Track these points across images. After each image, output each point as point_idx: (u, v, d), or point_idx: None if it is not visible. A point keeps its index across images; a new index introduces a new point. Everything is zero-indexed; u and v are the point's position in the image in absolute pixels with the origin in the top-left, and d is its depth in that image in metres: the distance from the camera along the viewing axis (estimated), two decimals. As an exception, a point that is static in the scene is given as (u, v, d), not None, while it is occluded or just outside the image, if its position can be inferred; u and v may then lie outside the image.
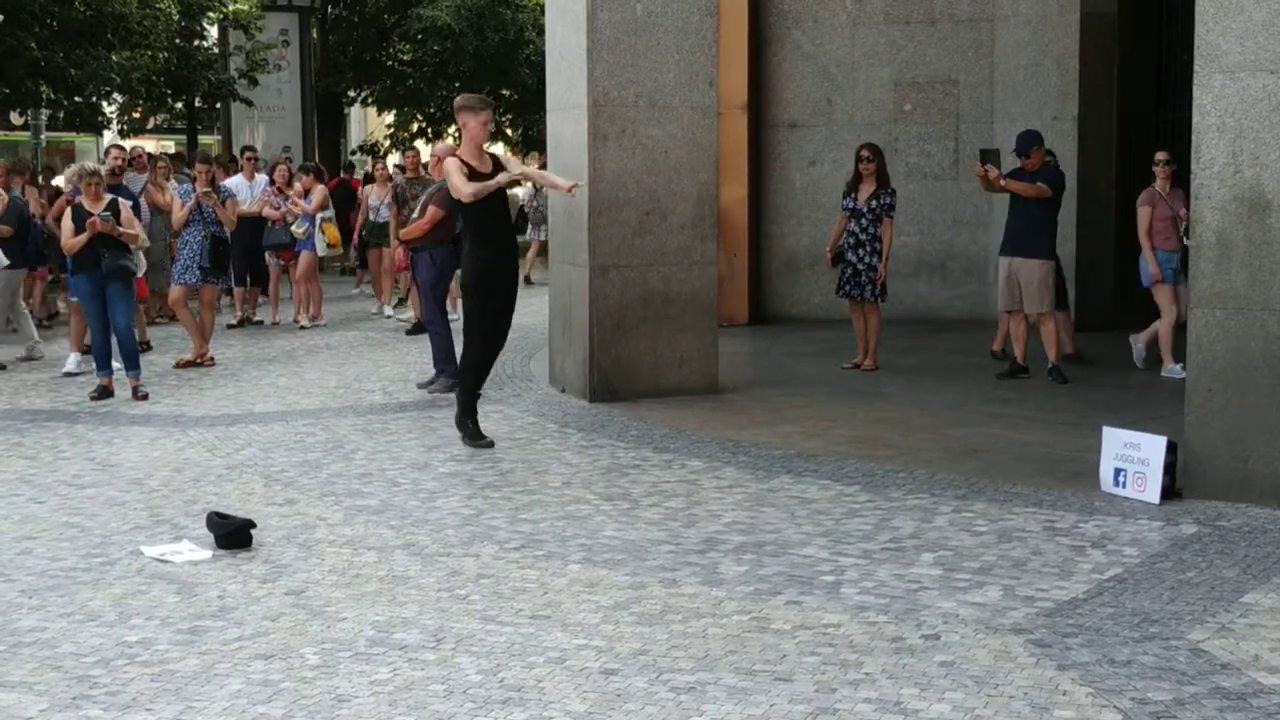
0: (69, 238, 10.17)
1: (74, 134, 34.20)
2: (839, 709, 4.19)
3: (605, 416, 8.99)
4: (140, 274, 10.80)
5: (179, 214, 12.00)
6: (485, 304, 8.13)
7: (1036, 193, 10.06)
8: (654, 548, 6.00)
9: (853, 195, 10.69)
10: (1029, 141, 10.23)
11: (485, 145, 8.34)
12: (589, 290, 9.45)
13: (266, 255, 15.01)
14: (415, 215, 10.18)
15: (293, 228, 14.53)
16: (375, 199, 15.80)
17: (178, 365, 11.55)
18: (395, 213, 13.72)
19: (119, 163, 13.10)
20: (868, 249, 10.54)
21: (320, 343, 13.34)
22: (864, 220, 10.56)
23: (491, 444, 8.13)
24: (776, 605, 5.19)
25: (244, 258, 14.42)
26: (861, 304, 10.71)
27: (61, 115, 26.17)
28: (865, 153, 10.68)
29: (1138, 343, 10.60)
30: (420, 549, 6.05)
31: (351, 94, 31.38)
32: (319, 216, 14.77)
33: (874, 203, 10.55)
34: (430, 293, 10.31)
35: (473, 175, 8.01)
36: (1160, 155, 10.33)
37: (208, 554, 6.01)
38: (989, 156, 10.16)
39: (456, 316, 11.61)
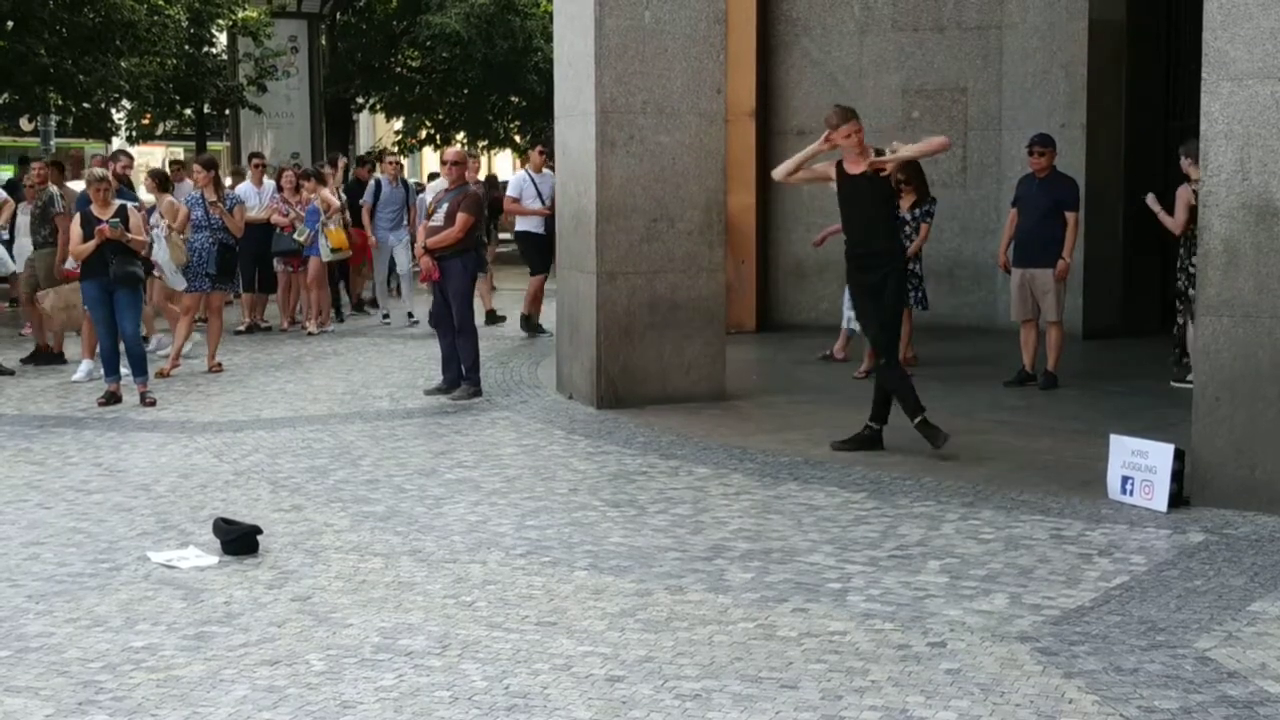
0: (78, 244, 10.18)
1: (83, 140, 34.28)
2: (845, 716, 4.18)
3: (612, 423, 8.99)
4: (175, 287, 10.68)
5: (179, 216, 12.02)
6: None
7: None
8: (660, 554, 6.00)
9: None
10: (1047, 141, 10.28)
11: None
12: (596, 297, 9.45)
13: (275, 261, 15.02)
14: (436, 222, 10.03)
15: (295, 234, 14.53)
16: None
17: (159, 375, 11.04)
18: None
19: (125, 171, 13.10)
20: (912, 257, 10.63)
21: (328, 349, 13.35)
22: (908, 229, 10.64)
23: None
24: (783, 612, 5.18)
25: (253, 264, 14.47)
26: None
27: (70, 122, 26.23)
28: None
29: None
30: (426, 555, 6.05)
31: (360, 100, 31.45)
32: (320, 221, 14.73)
33: (917, 211, 10.71)
34: (465, 299, 10.10)
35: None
36: None
37: (214, 560, 6.01)
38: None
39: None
